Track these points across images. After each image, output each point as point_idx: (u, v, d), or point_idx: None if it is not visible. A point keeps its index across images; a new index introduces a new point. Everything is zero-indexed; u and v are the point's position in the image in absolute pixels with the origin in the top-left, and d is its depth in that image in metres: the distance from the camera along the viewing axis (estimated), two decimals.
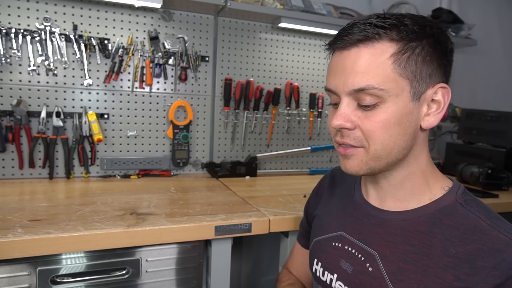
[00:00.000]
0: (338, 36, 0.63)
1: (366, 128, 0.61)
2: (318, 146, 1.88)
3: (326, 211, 0.82)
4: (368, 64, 0.59)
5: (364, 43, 0.59)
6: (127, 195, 1.27)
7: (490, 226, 0.58)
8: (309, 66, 1.89)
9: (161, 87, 1.63)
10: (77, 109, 1.51)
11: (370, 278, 0.65)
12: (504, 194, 1.54)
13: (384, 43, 0.59)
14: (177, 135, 1.65)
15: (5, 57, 1.38)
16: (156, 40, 1.58)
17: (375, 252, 0.65)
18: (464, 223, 0.59)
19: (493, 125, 1.86)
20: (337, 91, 0.63)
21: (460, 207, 0.62)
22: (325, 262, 0.75)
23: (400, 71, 0.59)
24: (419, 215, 0.64)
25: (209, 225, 1.02)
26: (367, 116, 0.60)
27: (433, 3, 2.23)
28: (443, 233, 0.60)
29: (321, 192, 0.88)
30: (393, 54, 0.58)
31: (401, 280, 0.60)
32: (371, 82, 0.58)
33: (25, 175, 1.47)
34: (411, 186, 0.66)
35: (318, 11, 1.71)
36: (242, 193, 1.39)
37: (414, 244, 0.62)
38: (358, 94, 0.60)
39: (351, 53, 0.60)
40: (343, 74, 0.61)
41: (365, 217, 0.71)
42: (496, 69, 2.49)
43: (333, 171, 0.90)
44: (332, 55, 0.66)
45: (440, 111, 0.63)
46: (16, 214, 1.00)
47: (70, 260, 0.92)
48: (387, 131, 0.60)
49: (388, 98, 0.59)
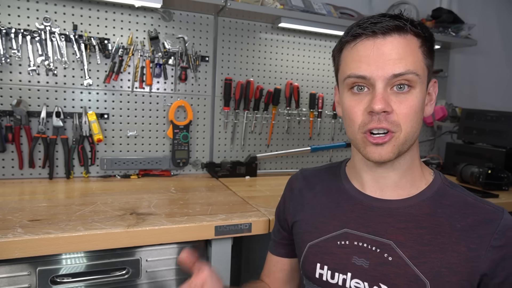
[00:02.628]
0: (368, 25, 0.64)
1: (402, 112, 0.64)
2: (318, 146, 1.88)
3: (315, 213, 0.78)
4: (405, 52, 0.64)
5: (398, 32, 0.64)
6: (127, 195, 1.27)
7: (476, 201, 0.67)
8: (309, 66, 1.89)
9: (161, 87, 1.63)
10: (77, 109, 1.51)
11: (392, 268, 0.65)
12: (504, 194, 1.55)
13: (412, 36, 0.65)
14: (177, 135, 1.65)
15: (5, 57, 1.38)
16: (156, 40, 1.58)
17: (390, 241, 0.67)
18: (457, 201, 0.68)
19: (493, 125, 1.86)
20: (372, 76, 0.64)
21: (449, 189, 0.70)
22: (332, 264, 0.72)
23: (426, 62, 0.66)
24: (422, 199, 0.69)
25: (209, 225, 1.01)
26: (401, 100, 0.64)
27: (433, 3, 2.23)
28: (446, 212, 0.67)
29: (297, 194, 0.84)
30: (420, 46, 0.65)
31: (425, 262, 0.64)
32: (409, 67, 0.63)
33: (25, 175, 1.47)
34: (412, 173, 0.71)
35: (318, 11, 1.71)
36: (242, 193, 1.39)
37: (425, 226, 0.66)
38: (395, 79, 0.63)
39: (386, 41, 0.64)
40: (380, 60, 0.64)
41: (369, 210, 0.71)
42: (496, 69, 2.49)
43: (302, 172, 0.88)
44: (357, 44, 0.66)
45: (433, 102, 0.72)
46: (16, 214, 1.00)
47: (70, 260, 0.92)
48: (416, 115, 0.65)
49: (418, 84, 0.65)
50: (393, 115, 0.64)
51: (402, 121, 0.64)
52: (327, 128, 1.96)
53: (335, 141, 1.98)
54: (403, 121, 0.64)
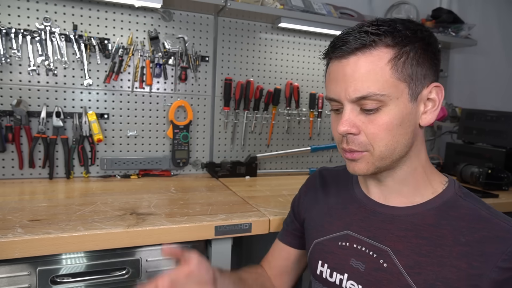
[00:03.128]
0: (334, 45, 0.64)
1: (370, 132, 0.63)
2: (318, 146, 1.88)
3: (324, 212, 0.81)
4: (367, 72, 0.61)
5: (361, 51, 0.61)
6: (127, 195, 1.27)
7: (490, 215, 0.62)
8: (309, 66, 1.89)
9: (161, 87, 1.63)
10: (77, 109, 1.51)
11: (386, 274, 0.65)
12: (504, 194, 1.54)
13: (381, 50, 0.61)
14: (177, 135, 1.65)
15: (5, 57, 1.38)
16: (156, 40, 1.58)
17: (388, 248, 0.67)
18: (468, 214, 0.63)
19: (493, 125, 1.86)
20: (339, 99, 0.65)
21: (461, 200, 0.66)
22: (332, 263, 0.74)
23: (398, 75, 0.61)
24: (427, 209, 0.67)
25: (209, 225, 1.02)
26: (370, 120, 0.63)
27: (433, 3, 2.23)
28: (451, 224, 0.63)
29: (312, 192, 0.88)
30: (390, 59, 0.61)
31: (419, 273, 0.62)
32: (372, 89, 0.61)
33: (25, 175, 1.47)
34: (414, 181, 0.69)
35: (318, 11, 1.71)
36: (242, 193, 1.39)
37: (425, 237, 0.64)
38: (360, 100, 0.62)
39: (350, 62, 0.62)
40: (344, 83, 0.63)
41: (372, 215, 0.72)
42: (496, 69, 2.49)
43: (321, 171, 0.90)
44: (330, 64, 0.67)
45: (436, 108, 0.66)
46: (16, 214, 1.00)
47: (70, 260, 0.92)
48: (390, 132, 0.63)
49: (389, 101, 0.62)
50: (361, 137, 0.64)
51: (372, 141, 0.63)
52: (327, 128, 1.96)
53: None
54: (373, 141, 0.63)
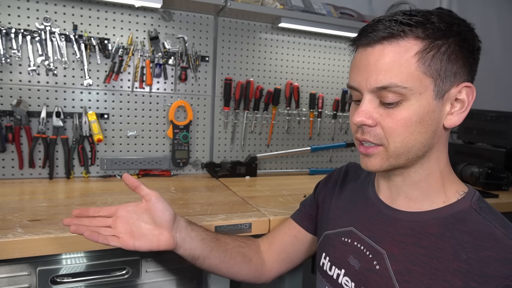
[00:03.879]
0: (363, 32, 0.62)
1: (387, 126, 0.61)
2: (318, 146, 1.88)
3: (337, 206, 0.82)
4: (391, 62, 0.58)
5: (388, 40, 0.59)
6: (127, 195, 1.27)
7: (505, 235, 0.56)
8: (309, 66, 1.89)
9: (161, 87, 1.63)
10: (77, 109, 1.51)
11: (376, 276, 0.65)
12: (504, 194, 1.54)
13: (409, 41, 0.58)
14: (177, 135, 1.65)
15: (5, 57, 1.38)
16: (156, 40, 1.58)
17: (384, 251, 0.66)
18: (477, 230, 0.58)
19: (493, 125, 1.86)
20: (360, 88, 0.62)
21: (475, 214, 0.61)
22: (333, 257, 0.75)
23: (424, 69, 0.58)
24: (432, 217, 0.63)
25: (209, 225, 1.01)
26: (389, 113, 0.60)
27: (433, 3, 2.23)
28: (455, 238, 0.59)
29: (332, 183, 0.88)
30: (418, 52, 0.58)
31: (408, 281, 0.60)
32: (394, 80, 0.58)
33: (25, 175, 1.47)
34: (427, 187, 0.66)
35: (318, 11, 1.71)
36: (242, 193, 1.39)
37: (424, 246, 0.61)
38: (381, 91, 0.60)
39: (375, 51, 0.60)
40: (365, 71, 0.61)
41: (376, 215, 0.71)
42: (496, 69, 2.48)
43: (348, 166, 0.90)
44: (356, 52, 0.65)
45: (464, 110, 0.62)
46: (16, 214, 1.00)
47: (70, 260, 0.92)
48: (408, 128, 0.60)
49: (411, 96, 0.59)
50: (377, 129, 0.62)
51: (388, 135, 0.61)
52: (327, 128, 1.96)
53: (335, 141, 1.98)
54: (389, 135, 0.61)
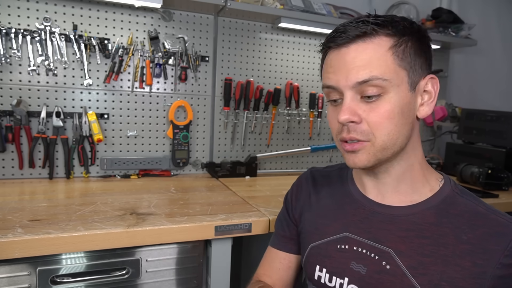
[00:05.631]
0: (333, 36, 0.65)
1: (372, 120, 0.62)
2: (318, 146, 1.88)
3: (318, 214, 0.79)
4: (369, 57, 0.61)
5: (362, 38, 0.62)
6: (127, 195, 1.27)
7: (487, 211, 0.63)
8: (309, 66, 1.89)
9: (161, 87, 1.63)
10: (77, 109, 1.51)
11: (389, 276, 0.64)
12: (504, 194, 1.54)
13: (381, 38, 0.62)
14: (177, 135, 1.65)
15: (5, 57, 1.38)
16: (156, 40, 1.58)
17: (390, 249, 0.65)
18: (467, 211, 0.64)
19: (493, 125, 1.86)
20: (339, 86, 0.64)
21: (458, 197, 0.66)
22: (330, 267, 0.72)
23: (398, 62, 0.62)
24: (427, 207, 0.66)
25: (209, 225, 1.01)
26: (372, 108, 0.62)
27: (433, 3, 2.23)
28: (452, 222, 0.63)
29: (305, 194, 0.85)
30: (391, 47, 0.62)
31: (424, 273, 0.62)
32: (374, 73, 0.61)
33: (25, 175, 1.47)
34: (411, 178, 0.68)
35: (318, 11, 1.71)
36: (242, 193, 1.39)
37: (427, 236, 0.64)
38: (362, 86, 0.62)
39: (350, 50, 0.63)
40: (344, 70, 0.63)
41: (371, 215, 0.70)
42: (496, 69, 2.49)
43: (311, 172, 0.87)
44: (328, 55, 0.67)
45: (432, 100, 0.67)
46: (16, 214, 1.00)
47: (70, 260, 0.92)
48: (392, 121, 0.62)
49: (390, 88, 0.62)
50: (363, 125, 0.63)
51: (374, 129, 0.62)
52: (327, 128, 1.96)
53: None
54: (375, 129, 0.62)
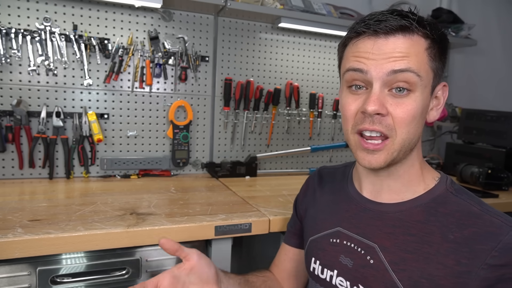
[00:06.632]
0: (368, 23, 0.61)
1: (398, 116, 0.61)
2: (318, 146, 1.88)
3: (319, 210, 0.82)
4: (409, 51, 0.60)
5: (403, 33, 0.61)
6: (127, 195, 1.27)
7: (481, 211, 0.61)
8: (309, 66, 1.89)
9: (161, 87, 1.63)
10: (77, 109, 1.51)
11: (372, 270, 0.65)
12: (504, 194, 1.54)
13: (420, 37, 0.62)
14: (177, 135, 1.65)
15: (5, 57, 1.38)
16: (156, 40, 1.58)
17: (375, 245, 0.67)
18: (458, 210, 0.63)
19: (493, 125, 1.86)
20: (370, 72, 0.61)
21: (452, 196, 0.65)
22: (323, 260, 0.75)
23: (431, 64, 0.62)
24: (415, 205, 0.66)
25: (209, 225, 1.02)
26: (398, 103, 0.61)
27: (433, 3, 2.23)
28: (440, 221, 0.63)
29: (311, 191, 0.88)
30: (427, 48, 0.62)
31: (404, 269, 0.62)
32: (411, 65, 0.60)
33: (25, 175, 1.47)
34: (409, 177, 0.68)
35: (318, 11, 1.71)
36: (242, 193, 1.39)
37: (413, 233, 0.64)
38: (395, 76, 0.60)
39: (389, 40, 0.61)
40: (379, 57, 0.60)
41: (362, 211, 0.72)
42: (496, 69, 2.49)
43: (320, 170, 0.90)
44: (356, 41, 0.64)
45: (440, 106, 0.68)
46: (16, 214, 1.00)
47: (70, 260, 0.92)
48: (414, 120, 0.62)
49: (418, 87, 0.61)
50: (388, 118, 0.61)
51: (398, 125, 0.61)
52: (327, 128, 1.96)
53: (335, 141, 1.98)
54: (399, 125, 0.61)
